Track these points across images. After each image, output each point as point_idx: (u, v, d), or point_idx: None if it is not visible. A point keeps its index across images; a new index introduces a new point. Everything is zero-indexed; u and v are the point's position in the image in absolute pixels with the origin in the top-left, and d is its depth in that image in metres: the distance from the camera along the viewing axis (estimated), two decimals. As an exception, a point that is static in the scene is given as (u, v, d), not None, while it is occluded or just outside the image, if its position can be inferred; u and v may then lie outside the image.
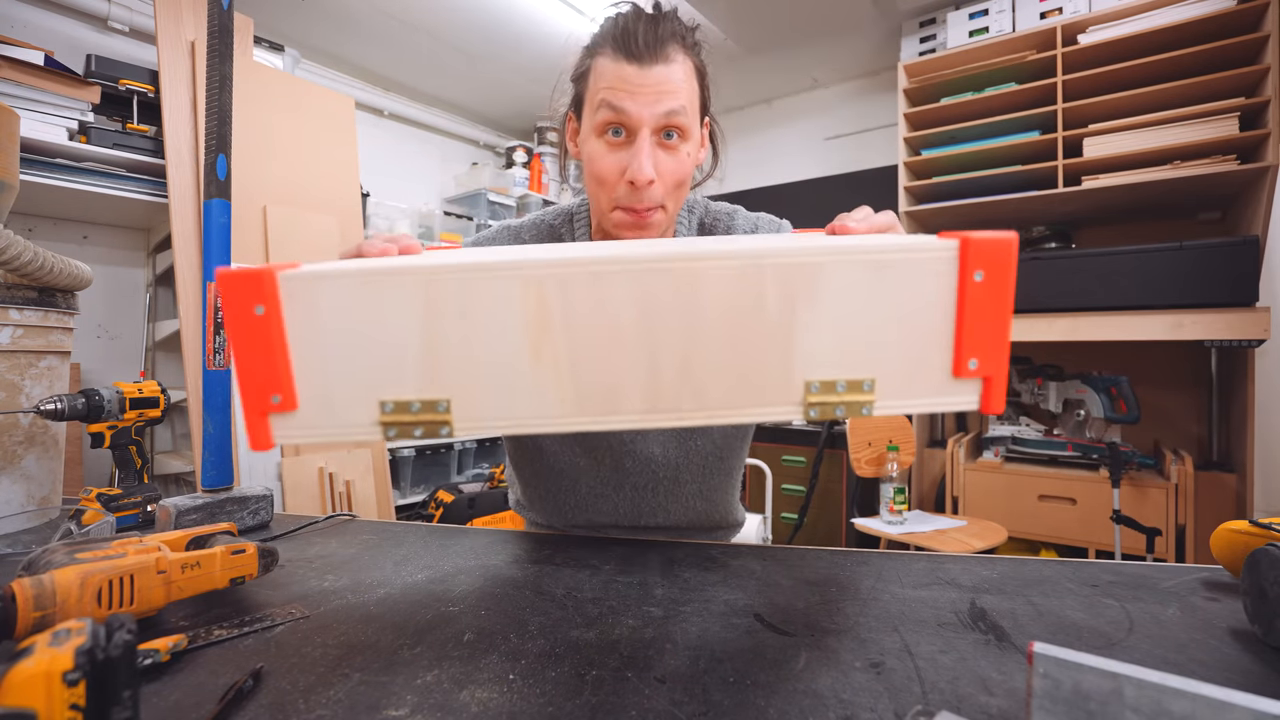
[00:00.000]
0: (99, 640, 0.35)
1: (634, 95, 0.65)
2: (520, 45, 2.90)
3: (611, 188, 0.68)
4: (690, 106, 0.68)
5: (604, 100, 0.66)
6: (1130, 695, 0.32)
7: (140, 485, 0.97)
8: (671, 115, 0.66)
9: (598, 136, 0.68)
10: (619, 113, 0.66)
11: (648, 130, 0.66)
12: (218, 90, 0.92)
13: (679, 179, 0.69)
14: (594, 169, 0.69)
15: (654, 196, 0.68)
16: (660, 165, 0.67)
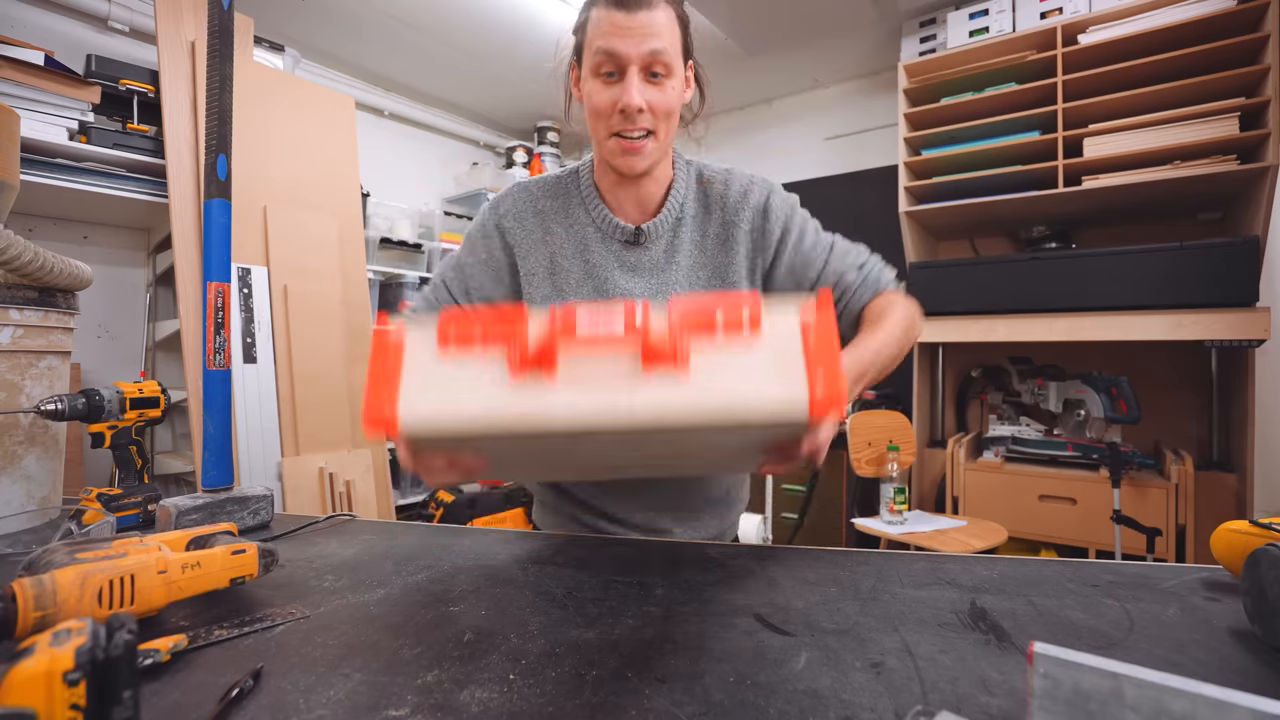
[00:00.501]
0: (99, 640, 0.35)
1: (622, 37, 0.76)
2: (520, 45, 2.90)
3: (607, 118, 0.79)
4: (673, 47, 0.78)
5: (598, 45, 0.77)
6: (1130, 695, 0.32)
7: (140, 485, 0.97)
8: (655, 54, 0.76)
9: (593, 77, 0.79)
10: (610, 53, 0.76)
11: (635, 67, 0.77)
12: (218, 90, 0.92)
13: (667, 109, 0.79)
14: (591, 104, 0.80)
15: (644, 123, 0.79)
16: (648, 96, 0.78)
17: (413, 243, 2.96)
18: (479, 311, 0.47)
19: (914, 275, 2.39)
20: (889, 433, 2.35)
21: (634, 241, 0.88)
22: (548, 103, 3.56)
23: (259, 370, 2.10)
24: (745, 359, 0.44)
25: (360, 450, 2.32)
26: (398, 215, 3.01)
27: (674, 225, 0.89)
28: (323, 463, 2.19)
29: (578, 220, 0.89)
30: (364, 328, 2.45)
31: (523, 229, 0.89)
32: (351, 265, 2.43)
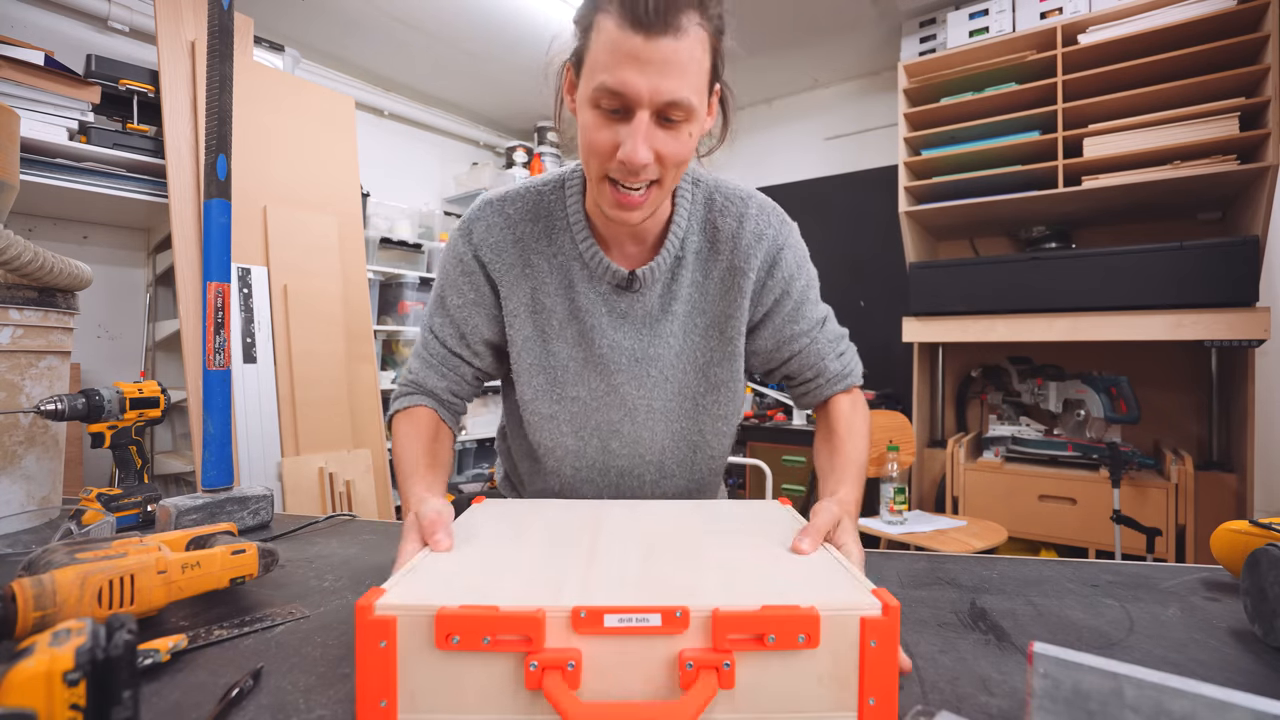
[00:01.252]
0: (99, 640, 0.35)
1: (637, 70, 0.58)
2: (520, 45, 2.90)
3: (603, 162, 0.64)
4: (697, 86, 0.62)
5: (602, 70, 0.60)
6: (1130, 695, 0.32)
7: (140, 485, 0.97)
8: (673, 105, 0.60)
9: (592, 107, 0.62)
10: (616, 89, 0.59)
11: (646, 111, 0.60)
12: (218, 90, 0.92)
13: (679, 160, 0.64)
14: (587, 138, 0.64)
15: (649, 175, 0.64)
16: (659, 145, 0.62)
17: (413, 243, 2.96)
18: (487, 618, 0.39)
19: (914, 275, 2.39)
20: (889, 433, 2.35)
21: (627, 287, 0.76)
22: (548, 103, 3.55)
23: (259, 370, 2.10)
24: (794, 668, 0.41)
25: (360, 450, 2.32)
26: (398, 215, 3.01)
27: (673, 266, 0.78)
28: (323, 463, 2.19)
29: (562, 250, 0.77)
30: (364, 328, 2.45)
31: (502, 261, 0.78)
32: (351, 265, 2.43)
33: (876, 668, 0.40)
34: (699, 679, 0.39)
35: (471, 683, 0.40)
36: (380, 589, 0.43)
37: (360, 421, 2.37)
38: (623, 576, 0.47)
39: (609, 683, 0.40)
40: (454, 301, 0.80)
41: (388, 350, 2.90)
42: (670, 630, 0.40)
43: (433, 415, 0.82)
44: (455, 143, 3.76)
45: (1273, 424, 2.07)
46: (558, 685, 0.39)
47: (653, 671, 0.40)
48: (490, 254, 0.78)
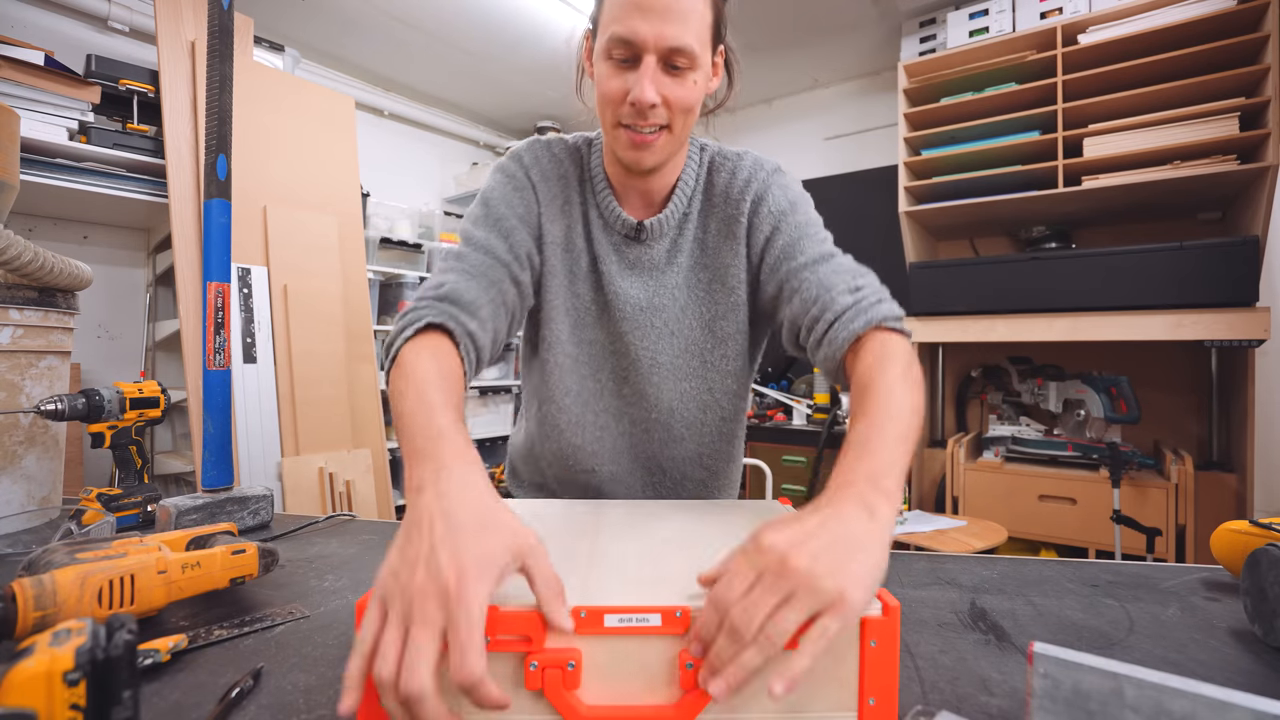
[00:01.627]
0: (99, 640, 0.35)
1: (641, 19, 0.64)
2: (520, 45, 2.90)
3: (616, 107, 0.69)
4: (700, 36, 0.67)
5: (612, 22, 0.66)
6: (1130, 695, 0.32)
7: (140, 485, 0.97)
8: (677, 49, 0.65)
9: (605, 58, 0.68)
10: (625, 37, 0.65)
11: (652, 56, 0.66)
12: (218, 90, 0.92)
13: (686, 105, 0.69)
14: (601, 89, 0.70)
15: (658, 118, 0.68)
16: (666, 90, 0.67)
17: (413, 243, 2.96)
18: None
19: (914, 275, 2.39)
20: (889, 433, 2.35)
21: (635, 238, 0.80)
22: (548, 102, 3.56)
23: (259, 370, 2.10)
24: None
25: (360, 450, 2.32)
26: (398, 215, 3.01)
27: (679, 222, 0.81)
28: (323, 463, 2.19)
29: (587, 198, 0.82)
30: (364, 328, 2.45)
31: (548, 190, 0.80)
32: (351, 265, 2.43)
33: (876, 668, 0.40)
34: (698, 679, 0.39)
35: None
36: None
37: (360, 421, 2.37)
38: (623, 576, 0.47)
39: (609, 683, 0.40)
40: (502, 212, 0.77)
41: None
42: (670, 630, 0.40)
43: (455, 353, 0.63)
44: (455, 143, 3.76)
45: (1273, 424, 2.07)
46: (559, 687, 0.39)
47: (652, 672, 0.40)
48: (539, 178, 0.80)
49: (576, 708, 0.39)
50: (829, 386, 2.90)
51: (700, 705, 0.39)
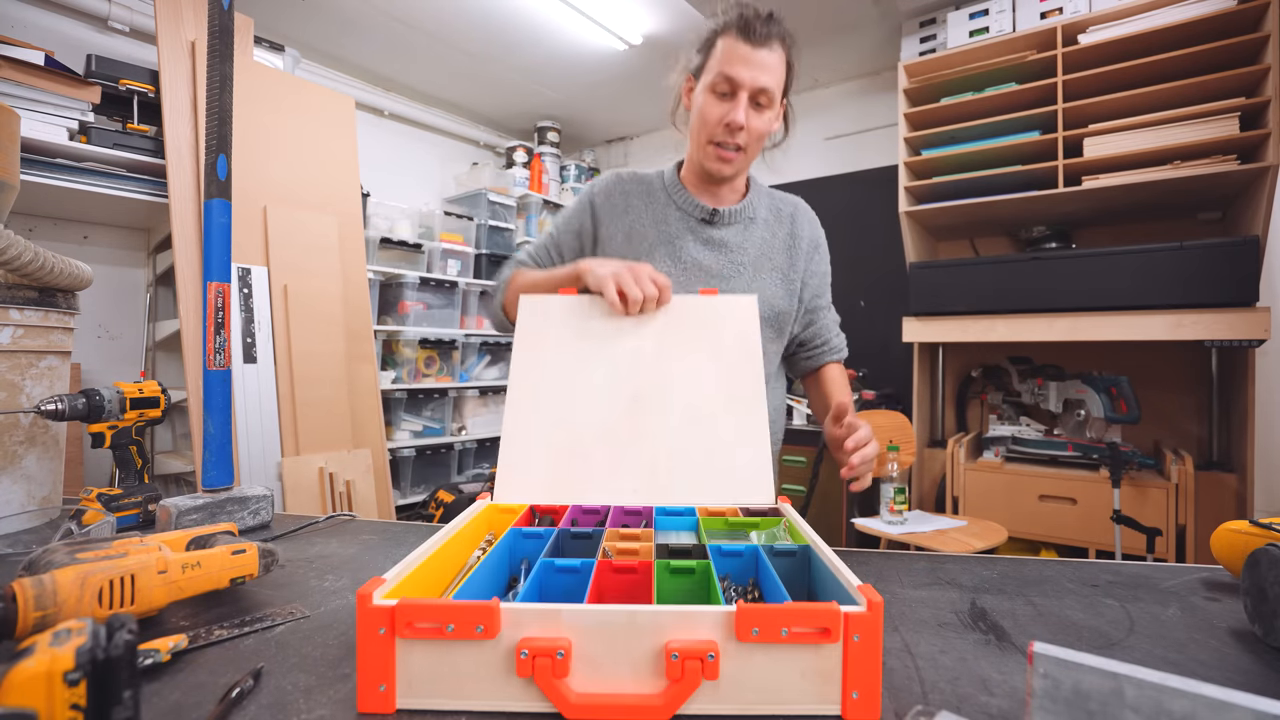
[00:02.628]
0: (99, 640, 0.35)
1: (744, 66, 0.91)
2: (520, 45, 2.90)
3: (712, 129, 0.96)
4: (777, 85, 0.94)
5: (721, 69, 0.93)
6: (1130, 695, 0.32)
7: (140, 485, 0.97)
8: (764, 90, 0.93)
9: (710, 92, 0.95)
10: (730, 78, 0.92)
11: (746, 93, 0.92)
12: (218, 90, 0.92)
13: (760, 133, 0.96)
14: (703, 114, 0.96)
15: (740, 140, 0.95)
16: (750, 119, 0.94)
17: (413, 243, 2.96)
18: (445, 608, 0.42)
19: (914, 275, 2.39)
20: (889, 432, 2.35)
21: (710, 221, 1.03)
22: (548, 102, 3.56)
23: (259, 370, 2.11)
24: (778, 662, 0.42)
25: (360, 450, 2.32)
26: (398, 215, 3.01)
27: (748, 220, 1.05)
28: (323, 463, 2.19)
29: (658, 201, 1.06)
30: (364, 328, 2.45)
31: (609, 204, 1.07)
32: (351, 265, 2.43)
33: (859, 663, 0.41)
34: (684, 670, 0.40)
35: (466, 670, 0.42)
36: (381, 579, 0.45)
37: (360, 421, 2.37)
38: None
39: (597, 671, 0.42)
40: (561, 227, 1.09)
41: (388, 350, 2.90)
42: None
43: None
44: (455, 143, 3.76)
45: (1273, 424, 2.07)
46: (548, 675, 0.40)
47: (639, 661, 0.42)
48: (601, 198, 1.08)
49: (566, 695, 0.40)
50: (829, 386, 2.90)
51: (685, 695, 0.40)
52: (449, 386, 3.07)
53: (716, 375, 0.82)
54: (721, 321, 0.85)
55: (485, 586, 0.55)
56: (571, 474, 0.77)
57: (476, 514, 0.68)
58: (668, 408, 0.80)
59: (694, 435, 0.78)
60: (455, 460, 3.09)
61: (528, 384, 0.82)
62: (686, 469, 0.77)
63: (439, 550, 0.55)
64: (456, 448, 3.07)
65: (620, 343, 0.83)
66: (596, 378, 0.82)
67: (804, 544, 0.59)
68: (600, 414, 0.80)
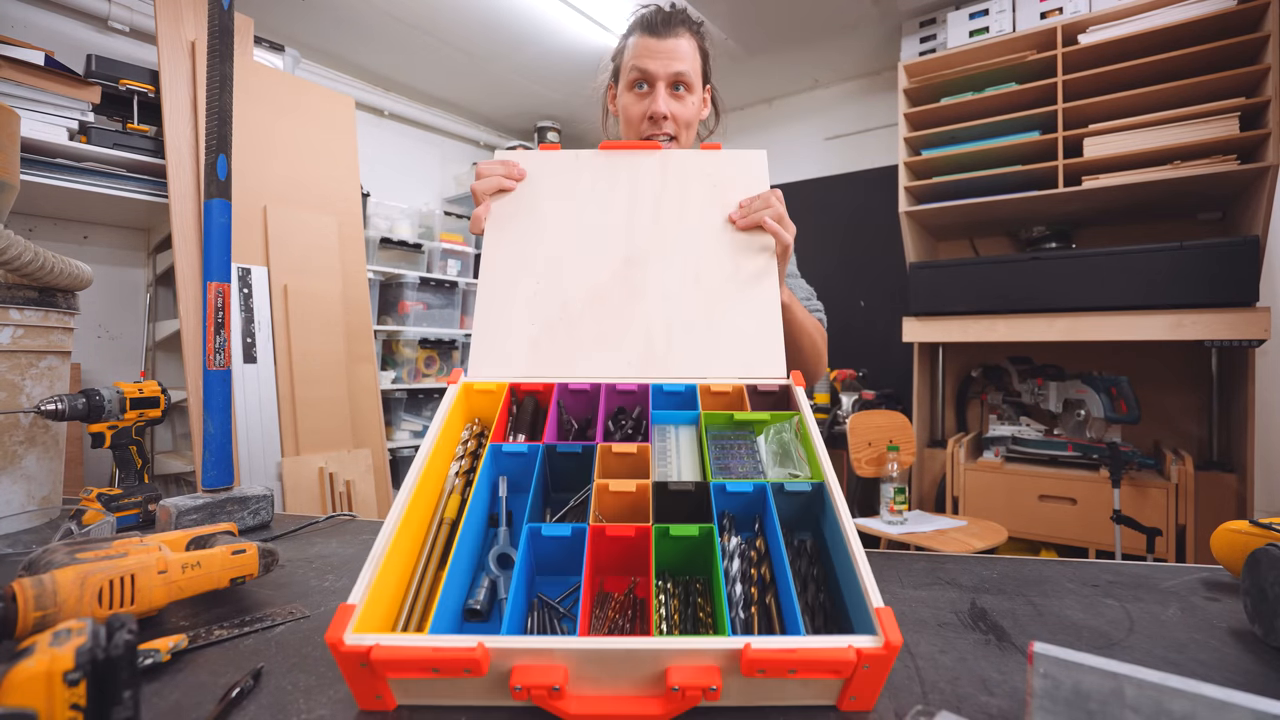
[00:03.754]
0: (99, 640, 0.35)
1: (653, 58, 0.94)
2: (521, 45, 2.90)
3: (638, 124, 0.97)
4: (694, 70, 0.96)
5: (633, 64, 0.96)
6: (1130, 695, 0.32)
7: (140, 485, 0.97)
8: (679, 74, 0.95)
9: (628, 91, 0.97)
10: (643, 71, 0.95)
11: (663, 83, 0.94)
12: (218, 90, 0.92)
13: (687, 119, 0.97)
14: (626, 114, 0.98)
15: (668, 129, 0.95)
16: (672, 108, 0.95)
17: (413, 243, 2.96)
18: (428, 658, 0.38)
19: (914, 275, 2.39)
20: (889, 433, 2.35)
21: None
22: (548, 102, 3.56)
23: (259, 370, 2.10)
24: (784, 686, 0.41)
25: (360, 450, 2.32)
26: (398, 215, 3.01)
27: None
28: (323, 463, 2.19)
29: None
30: (364, 328, 2.45)
31: None
32: (351, 265, 2.43)
33: (864, 683, 0.40)
34: (685, 699, 0.38)
35: (462, 689, 0.41)
36: (349, 605, 0.41)
37: (360, 421, 2.37)
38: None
39: (594, 703, 0.40)
40: None
41: (388, 350, 2.90)
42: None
43: None
44: (455, 143, 3.76)
45: (1273, 424, 2.07)
46: (545, 697, 0.38)
47: (638, 693, 0.40)
48: None
49: (567, 708, 0.39)
50: (829, 386, 2.90)
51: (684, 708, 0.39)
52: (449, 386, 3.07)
53: (721, 237, 0.73)
54: (727, 177, 0.75)
55: (465, 566, 0.52)
56: (555, 344, 0.68)
57: (451, 405, 0.63)
58: (666, 270, 0.71)
59: (695, 300, 0.69)
60: None
61: (505, 247, 0.72)
62: (687, 339, 0.68)
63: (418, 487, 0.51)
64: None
65: (612, 201, 0.75)
66: (585, 239, 0.73)
67: (818, 479, 0.54)
68: (589, 277, 0.71)
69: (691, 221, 0.74)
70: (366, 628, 0.41)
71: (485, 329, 0.70)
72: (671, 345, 0.68)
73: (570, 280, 0.71)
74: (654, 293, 0.70)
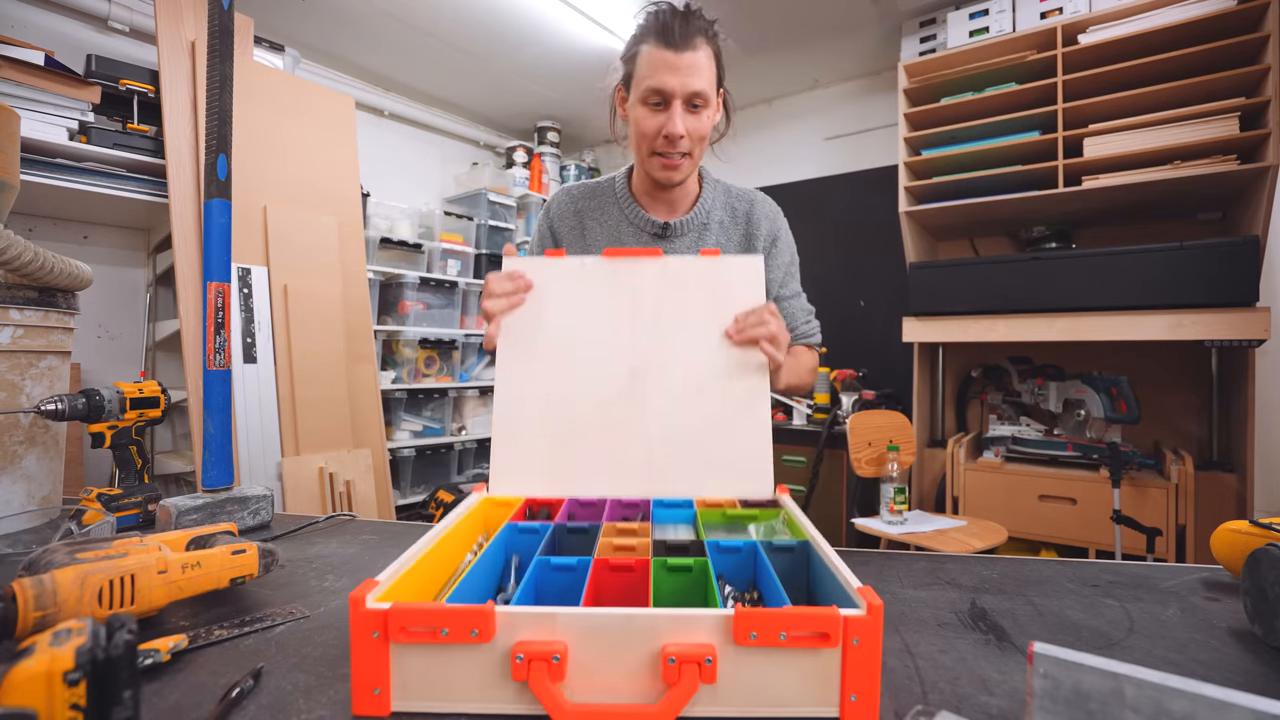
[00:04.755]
0: (99, 640, 0.35)
1: (670, 74, 0.89)
2: (521, 45, 2.90)
3: (651, 140, 0.94)
4: (710, 83, 0.92)
5: (648, 81, 0.91)
6: (1130, 695, 0.32)
7: (140, 485, 0.97)
8: (696, 93, 0.91)
9: (642, 104, 0.93)
10: (659, 89, 0.90)
11: (679, 101, 0.91)
12: (218, 90, 0.92)
13: (701, 135, 0.95)
14: (639, 128, 0.94)
15: (682, 147, 0.94)
16: (688, 125, 0.92)
17: (413, 243, 2.96)
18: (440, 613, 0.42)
19: (914, 275, 2.39)
20: (889, 433, 2.35)
21: (663, 235, 1.03)
22: (548, 102, 3.56)
23: (259, 370, 2.10)
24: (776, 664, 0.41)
25: (360, 450, 2.32)
26: (398, 215, 3.01)
27: (700, 227, 1.04)
28: (323, 463, 2.19)
29: (611, 217, 1.05)
30: (364, 328, 2.45)
31: (565, 226, 1.07)
32: (351, 265, 2.43)
33: (858, 666, 0.41)
34: (681, 674, 0.40)
35: (461, 673, 0.42)
36: (374, 580, 0.44)
37: (360, 421, 2.37)
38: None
39: (593, 675, 0.41)
40: (533, 249, 1.09)
41: (388, 350, 2.90)
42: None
43: None
44: (455, 143, 3.76)
45: (1273, 424, 2.07)
46: (544, 679, 0.40)
47: (636, 665, 0.41)
48: (558, 222, 1.08)
49: (561, 704, 0.40)
50: (829, 386, 2.90)
51: (682, 702, 0.40)
52: (449, 386, 3.07)
53: (718, 347, 0.78)
54: (724, 286, 0.80)
55: (480, 586, 0.54)
56: (567, 462, 0.75)
57: (472, 508, 0.68)
58: (667, 383, 0.77)
59: (693, 417, 0.76)
60: (455, 460, 3.09)
61: (518, 363, 0.78)
62: (685, 457, 0.75)
63: (434, 548, 0.55)
64: (456, 448, 3.07)
65: (617, 310, 0.79)
66: (592, 353, 0.78)
67: (803, 539, 0.59)
68: (596, 390, 0.77)
69: (691, 331, 0.79)
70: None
71: (503, 444, 0.76)
72: (671, 463, 0.75)
73: (579, 394, 0.77)
74: (655, 406, 0.77)
